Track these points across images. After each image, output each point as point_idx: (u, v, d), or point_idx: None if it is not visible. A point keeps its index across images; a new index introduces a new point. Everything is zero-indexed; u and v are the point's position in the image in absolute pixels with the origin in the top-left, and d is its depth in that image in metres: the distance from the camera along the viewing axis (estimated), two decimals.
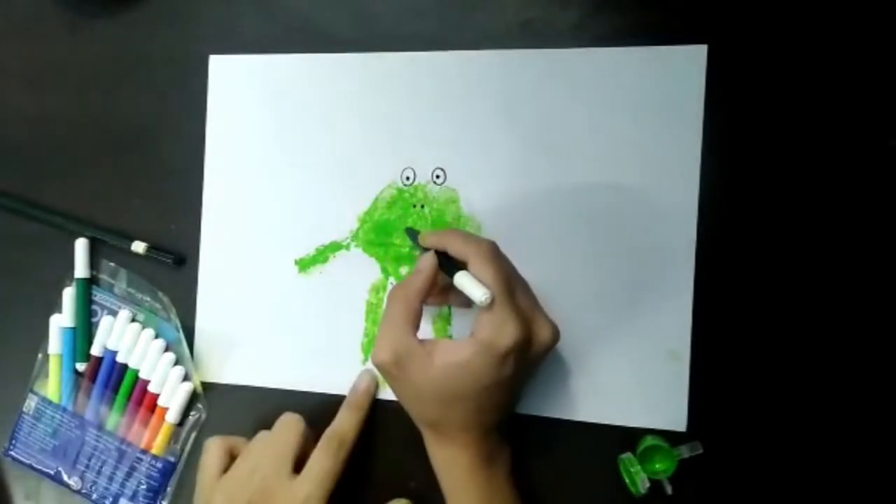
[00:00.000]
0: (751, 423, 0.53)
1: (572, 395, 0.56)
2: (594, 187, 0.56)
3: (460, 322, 0.58)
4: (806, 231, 0.53)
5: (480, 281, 0.47)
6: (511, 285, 0.49)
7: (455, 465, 0.51)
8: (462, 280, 0.48)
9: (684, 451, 0.52)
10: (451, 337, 0.58)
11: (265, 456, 0.55)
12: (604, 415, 0.55)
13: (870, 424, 0.52)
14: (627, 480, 0.53)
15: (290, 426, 0.56)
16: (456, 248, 0.50)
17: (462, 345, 0.48)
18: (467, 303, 0.55)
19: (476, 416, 0.50)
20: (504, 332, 0.46)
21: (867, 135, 0.52)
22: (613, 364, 0.55)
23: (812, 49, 0.53)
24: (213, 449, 0.57)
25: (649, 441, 0.53)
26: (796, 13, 0.53)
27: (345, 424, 0.56)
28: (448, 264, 0.50)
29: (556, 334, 0.50)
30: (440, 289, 0.54)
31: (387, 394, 0.58)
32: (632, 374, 0.55)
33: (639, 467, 0.52)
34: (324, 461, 0.54)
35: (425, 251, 0.53)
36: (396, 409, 0.57)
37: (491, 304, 0.46)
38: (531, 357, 0.50)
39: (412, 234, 0.56)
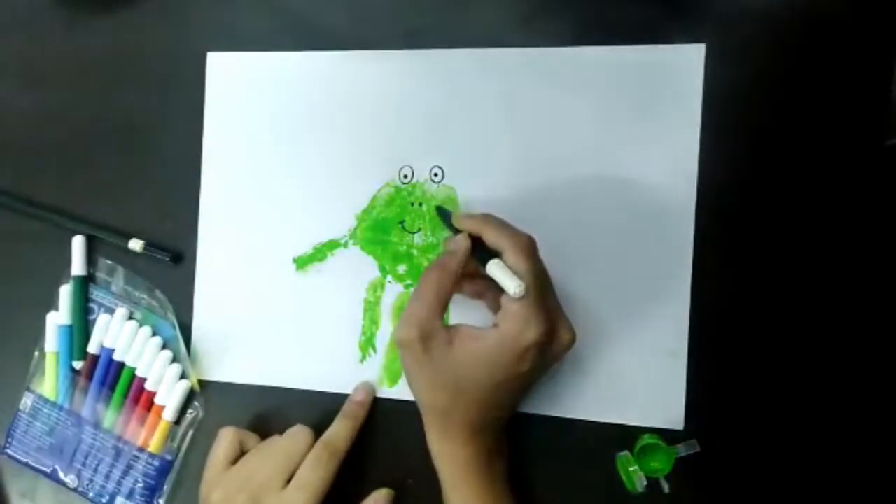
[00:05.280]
0: (748, 422, 0.53)
1: (570, 394, 0.56)
2: (592, 186, 0.56)
3: (456, 317, 0.58)
4: (804, 230, 0.53)
5: (515, 272, 0.46)
6: (542, 283, 0.48)
7: (456, 461, 0.51)
8: (495, 269, 0.47)
9: (681, 450, 0.52)
10: None
11: (265, 464, 0.55)
12: (601, 413, 0.55)
13: (866, 422, 0.52)
14: (625, 479, 0.53)
15: (296, 439, 0.56)
16: (492, 237, 0.49)
17: (484, 333, 0.48)
18: (478, 293, 0.55)
19: (483, 410, 0.50)
20: (530, 327, 0.46)
21: (865, 135, 0.52)
22: (611, 362, 0.55)
23: (810, 48, 0.53)
24: (225, 439, 0.57)
25: (646, 440, 0.53)
26: (794, 13, 0.54)
27: (338, 434, 0.56)
28: (479, 251, 0.50)
29: (574, 339, 0.50)
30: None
31: (385, 392, 0.59)
32: (629, 373, 0.55)
33: (636, 466, 0.52)
34: (314, 471, 0.54)
35: (455, 233, 0.52)
36: (394, 408, 0.58)
37: (521, 298, 0.46)
38: (548, 358, 0.50)
39: (444, 213, 0.56)
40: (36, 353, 0.65)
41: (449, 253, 0.50)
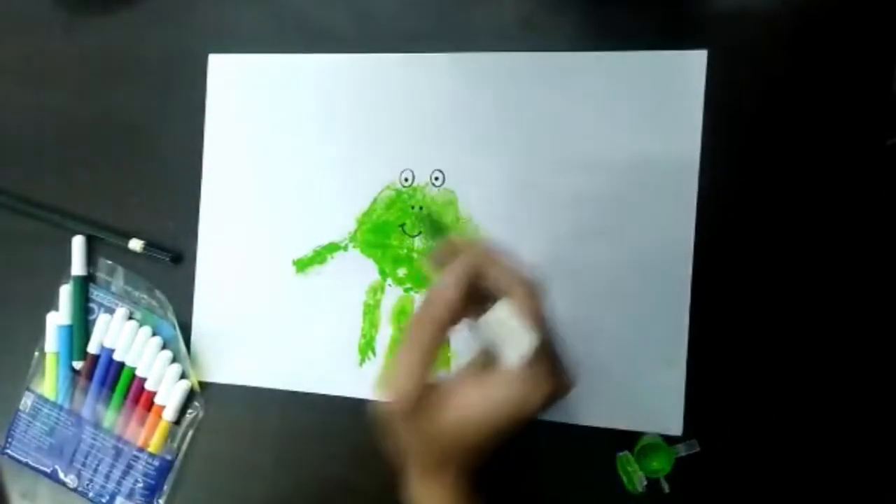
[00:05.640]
0: (746, 426, 0.53)
1: (572, 400, 0.55)
2: (592, 192, 0.55)
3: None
4: (805, 231, 0.53)
5: (523, 323, 0.40)
6: (551, 333, 0.43)
7: (443, 500, 0.46)
8: (501, 320, 0.40)
9: (681, 450, 0.52)
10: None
11: None
12: (601, 419, 0.55)
13: (865, 424, 0.52)
14: (625, 479, 0.53)
15: None
16: (495, 276, 0.42)
17: (485, 397, 0.42)
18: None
19: (475, 459, 0.45)
20: (537, 391, 0.41)
21: (866, 135, 0.52)
22: (611, 369, 0.55)
23: (811, 51, 0.53)
24: None
25: (647, 439, 0.53)
26: (795, 17, 0.53)
27: None
28: (474, 292, 0.43)
29: (574, 384, 0.45)
30: None
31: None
32: (629, 380, 0.55)
33: (636, 466, 0.52)
34: None
35: (444, 252, 0.46)
36: None
37: (531, 356, 0.40)
38: (548, 407, 0.44)
39: (432, 223, 0.52)
40: (36, 353, 0.65)
41: (438, 296, 0.42)
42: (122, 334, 0.62)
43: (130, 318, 0.63)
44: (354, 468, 0.57)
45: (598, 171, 0.55)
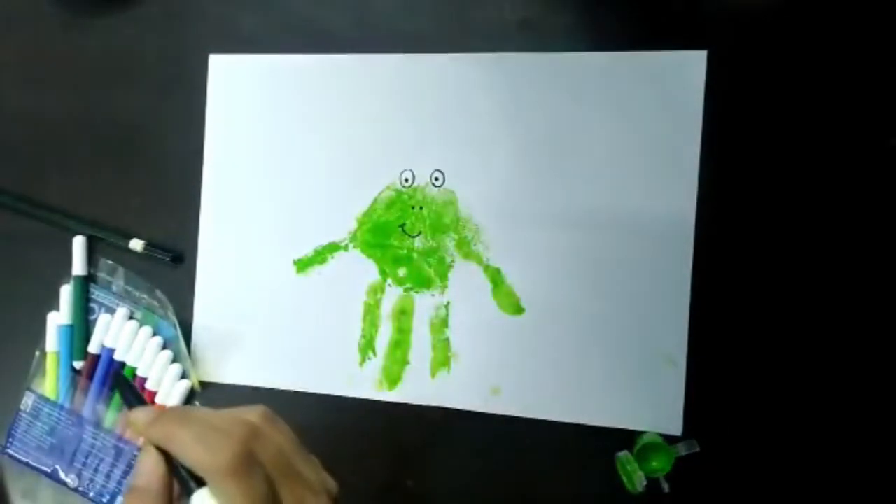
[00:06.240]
0: (746, 426, 0.53)
1: (571, 399, 0.56)
2: (592, 191, 0.56)
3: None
4: (805, 235, 0.53)
5: None
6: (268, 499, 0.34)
7: None
8: None
9: (681, 449, 0.52)
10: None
11: None
12: (601, 418, 0.55)
13: (864, 424, 0.52)
14: (625, 479, 0.53)
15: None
16: (184, 455, 0.35)
17: None
18: None
19: None
20: None
21: (868, 134, 0.52)
22: (611, 369, 0.55)
23: (810, 52, 0.53)
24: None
25: (646, 439, 0.53)
26: (794, 19, 0.53)
27: None
28: (178, 470, 0.36)
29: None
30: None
31: (385, 395, 0.59)
32: (629, 379, 0.55)
33: (636, 465, 0.52)
34: None
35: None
36: (393, 411, 0.58)
37: None
38: None
39: (123, 385, 0.44)
40: (37, 353, 0.65)
41: (133, 488, 0.36)
42: (122, 334, 0.62)
43: (131, 318, 0.63)
44: (354, 468, 0.57)
45: (598, 171, 0.55)
